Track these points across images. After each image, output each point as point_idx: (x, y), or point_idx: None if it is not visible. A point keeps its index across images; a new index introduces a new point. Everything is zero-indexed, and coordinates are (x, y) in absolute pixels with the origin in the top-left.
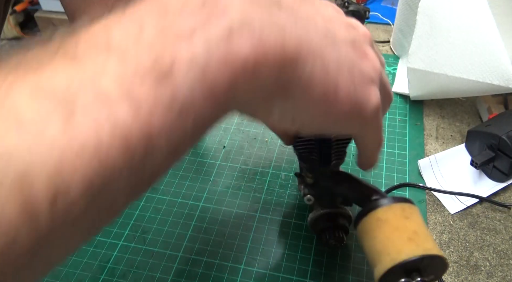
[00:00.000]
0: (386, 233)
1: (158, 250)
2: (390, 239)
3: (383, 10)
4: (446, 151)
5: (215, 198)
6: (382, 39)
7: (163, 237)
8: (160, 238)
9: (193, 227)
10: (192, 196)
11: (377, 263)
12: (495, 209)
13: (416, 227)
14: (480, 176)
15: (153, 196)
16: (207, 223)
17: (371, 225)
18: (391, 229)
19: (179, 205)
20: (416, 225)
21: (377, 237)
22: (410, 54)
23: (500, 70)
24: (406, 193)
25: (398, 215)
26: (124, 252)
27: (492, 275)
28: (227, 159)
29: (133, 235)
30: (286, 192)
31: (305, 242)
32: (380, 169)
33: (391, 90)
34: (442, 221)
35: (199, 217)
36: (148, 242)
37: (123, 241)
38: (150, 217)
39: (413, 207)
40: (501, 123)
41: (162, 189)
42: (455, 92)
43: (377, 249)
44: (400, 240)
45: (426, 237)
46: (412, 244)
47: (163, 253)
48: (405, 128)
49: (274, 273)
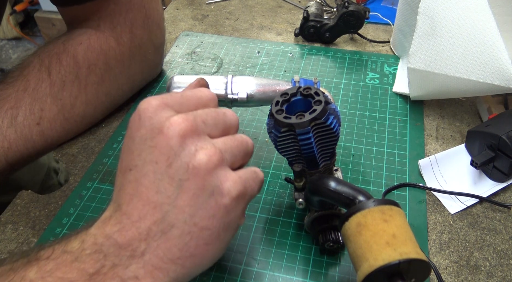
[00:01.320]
0: (366, 238)
1: None
2: (369, 244)
3: (383, 10)
4: (446, 151)
5: None
6: (382, 39)
7: None
8: None
9: None
10: None
11: (358, 269)
12: (495, 209)
13: (395, 230)
14: (480, 176)
15: None
16: None
17: (351, 230)
18: (370, 233)
19: None
20: (395, 228)
21: (357, 242)
22: (410, 54)
23: (500, 70)
24: (406, 193)
25: (377, 219)
26: None
27: (492, 275)
28: None
29: None
30: (286, 192)
31: (305, 242)
32: (380, 169)
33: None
34: (442, 221)
35: None
36: None
37: None
38: None
39: (394, 209)
40: (501, 123)
41: None
42: (455, 92)
43: (357, 255)
44: (377, 245)
45: (405, 240)
46: (389, 249)
47: None
48: (406, 128)
49: (274, 273)
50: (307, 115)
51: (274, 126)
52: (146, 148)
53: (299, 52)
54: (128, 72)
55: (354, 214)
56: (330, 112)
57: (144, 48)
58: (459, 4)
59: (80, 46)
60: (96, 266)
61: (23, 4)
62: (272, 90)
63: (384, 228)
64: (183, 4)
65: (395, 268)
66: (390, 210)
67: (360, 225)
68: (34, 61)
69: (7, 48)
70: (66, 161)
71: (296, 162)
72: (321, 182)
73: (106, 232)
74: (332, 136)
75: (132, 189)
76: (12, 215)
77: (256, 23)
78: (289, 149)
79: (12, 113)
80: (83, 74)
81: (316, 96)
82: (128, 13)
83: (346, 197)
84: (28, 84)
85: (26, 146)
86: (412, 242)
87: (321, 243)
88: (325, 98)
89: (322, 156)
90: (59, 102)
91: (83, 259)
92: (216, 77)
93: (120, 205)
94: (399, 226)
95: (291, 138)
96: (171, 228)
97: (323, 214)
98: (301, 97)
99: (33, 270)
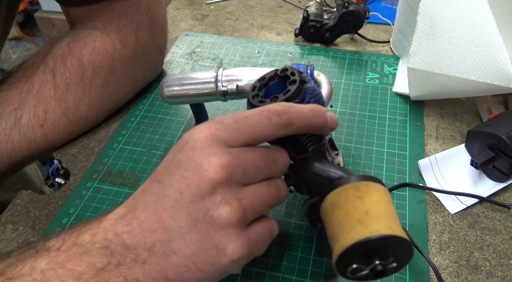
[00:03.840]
0: (338, 217)
1: None
2: (341, 223)
3: (383, 10)
4: (446, 151)
5: None
6: (382, 39)
7: None
8: None
9: None
10: None
11: (332, 251)
12: (495, 209)
13: (369, 206)
14: (480, 176)
15: None
16: None
17: (327, 211)
18: (343, 212)
19: None
20: (369, 205)
21: (331, 223)
22: (410, 54)
23: (500, 70)
24: (406, 193)
25: (350, 196)
26: None
27: (492, 275)
28: None
29: None
30: None
31: (305, 242)
32: (380, 169)
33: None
34: (442, 221)
35: None
36: None
37: None
38: None
39: (370, 185)
40: (501, 123)
41: None
42: (455, 92)
43: (331, 236)
44: (349, 223)
45: (378, 216)
46: (359, 226)
47: None
48: (406, 128)
49: (274, 273)
50: (280, 96)
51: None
52: (178, 173)
53: (299, 52)
54: (131, 74)
55: (328, 193)
56: (307, 91)
57: (148, 50)
58: (459, 4)
59: (85, 48)
60: (103, 261)
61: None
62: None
63: (356, 205)
64: (183, 4)
65: (367, 247)
66: (366, 186)
67: (334, 204)
68: (38, 63)
69: (7, 48)
70: (66, 161)
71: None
72: (299, 165)
73: (117, 230)
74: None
75: (152, 201)
76: (12, 215)
77: (256, 23)
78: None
79: (16, 115)
80: (88, 76)
81: (292, 76)
82: (134, 15)
83: (326, 178)
84: (32, 86)
85: (29, 148)
86: (388, 218)
87: (319, 229)
88: (301, 77)
89: (307, 139)
90: (63, 104)
91: (92, 253)
92: (207, 71)
93: (135, 208)
94: (375, 202)
95: None
96: (172, 254)
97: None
98: (279, 80)
99: (43, 260)
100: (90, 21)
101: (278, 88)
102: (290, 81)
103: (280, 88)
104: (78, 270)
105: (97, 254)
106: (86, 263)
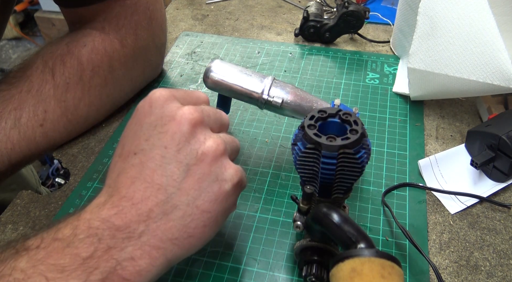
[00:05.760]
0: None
1: None
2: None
3: (383, 10)
4: (446, 151)
5: None
6: (382, 39)
7: None
8: None
9: None
10: None
11: None
12: (495, 209)
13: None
14: (480, 176)
15: None
16: None
17: (343, 273)
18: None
19: None
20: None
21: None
22: (410, 54)
23: (500, 70)
24: (406, 193)
25: (374, 271)
26: None
27: (492, 275)
28: None
29: None
30: (286, 192)
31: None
32: (380, 169)
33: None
34: (442, 221)
35: None
36: None
37: None
38: None
39: (395, 268)
40: (501, 123)
41: None
42: (455, 92)
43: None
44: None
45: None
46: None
47: None
48: (406, 128)
49: (274, 273)
50: (338, 140)
51: (301, 139)
52: (155, 133)
53: (299, 52)
54: (130, 73)
55: (351, 258)
56: (363, 146)
57: (147, 49)
58: (459, 4)
59: (85, 48)
60: (89, 249)
61: (23, 4)
62: (309, 105)
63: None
64: (183, 4)
65: None
66: (392, 267)
67: (355, 271)
68: (37, 62)
69: (7, 48)
70: (66, 161)
71: (309, 184)
72: (328, 213)
73: (102, 216)
74: (356, 170)
75: (136, 172)
76: (12, 215)
77: (256, 23)
78: (308, 168)
79: (16, 115)
80: (87, 76)
81: (355, 125)
82: (133, 15)
83: (349, 237)
84: (32, 86)
85: (29, 147)
86: None
87: (304, 275)
88: (363, 130)
89: (338, 187)
90: (62, 104)
91: (75, 244)
92: (257, 74)
93: (118, 188)
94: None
95: (314, 157)
96: (173, 209)
97: (316, 246)
98: (339, 120)
99: (23, 260)
100: (89, 21)
101: (335, 128)
102: (351, 129)
103: (337, 129)
104: (61, 263)
105: (82, 245)
106: (69, 255)
